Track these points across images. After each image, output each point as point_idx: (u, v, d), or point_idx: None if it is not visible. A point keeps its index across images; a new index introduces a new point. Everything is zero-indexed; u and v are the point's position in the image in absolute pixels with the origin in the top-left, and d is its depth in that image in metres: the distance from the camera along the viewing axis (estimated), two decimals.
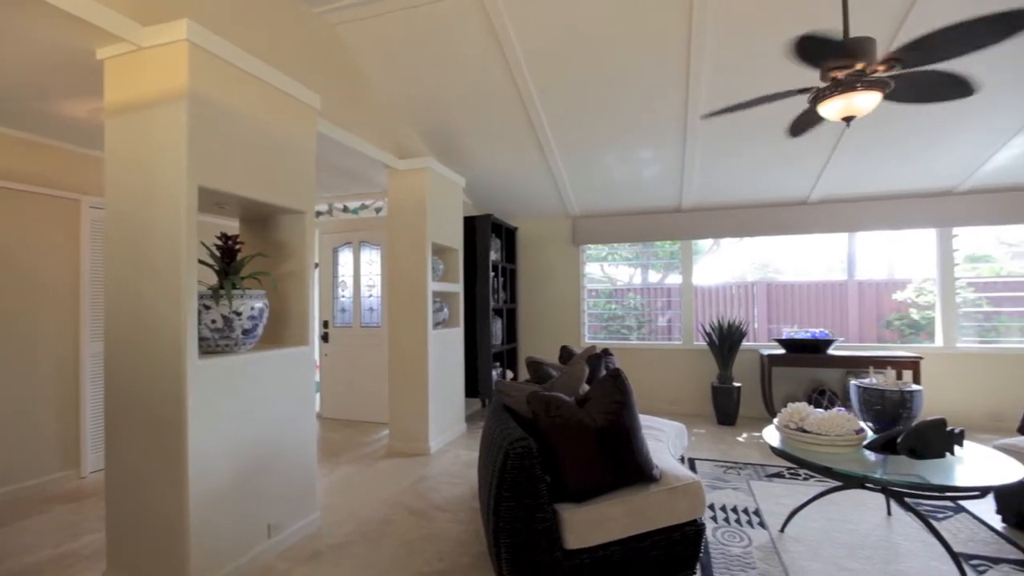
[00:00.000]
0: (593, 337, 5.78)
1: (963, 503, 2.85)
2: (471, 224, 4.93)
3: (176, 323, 2.02)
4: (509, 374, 5.54)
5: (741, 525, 2.67)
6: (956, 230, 4.71)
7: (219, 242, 2.39)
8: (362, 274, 5.19)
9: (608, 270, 6.22)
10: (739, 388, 4.78)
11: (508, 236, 5.63)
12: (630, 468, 2.00)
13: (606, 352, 3.20)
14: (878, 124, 3.57)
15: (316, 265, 5.25)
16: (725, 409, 4.77)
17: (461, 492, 3.19)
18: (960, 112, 3.46)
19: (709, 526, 2.63)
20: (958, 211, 4.57)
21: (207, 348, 2.25)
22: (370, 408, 5.01)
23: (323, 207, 5.38)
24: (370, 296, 5.16)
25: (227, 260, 2.37)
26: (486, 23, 2.92)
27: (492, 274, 4.99)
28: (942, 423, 2.31)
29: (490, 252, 4.94)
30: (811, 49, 1.88)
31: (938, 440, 2.28)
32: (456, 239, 4.61)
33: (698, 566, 2.12)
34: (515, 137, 4.06)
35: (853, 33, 2.05)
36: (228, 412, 2.22)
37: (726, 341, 4.80)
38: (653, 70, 3.22)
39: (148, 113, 2.09)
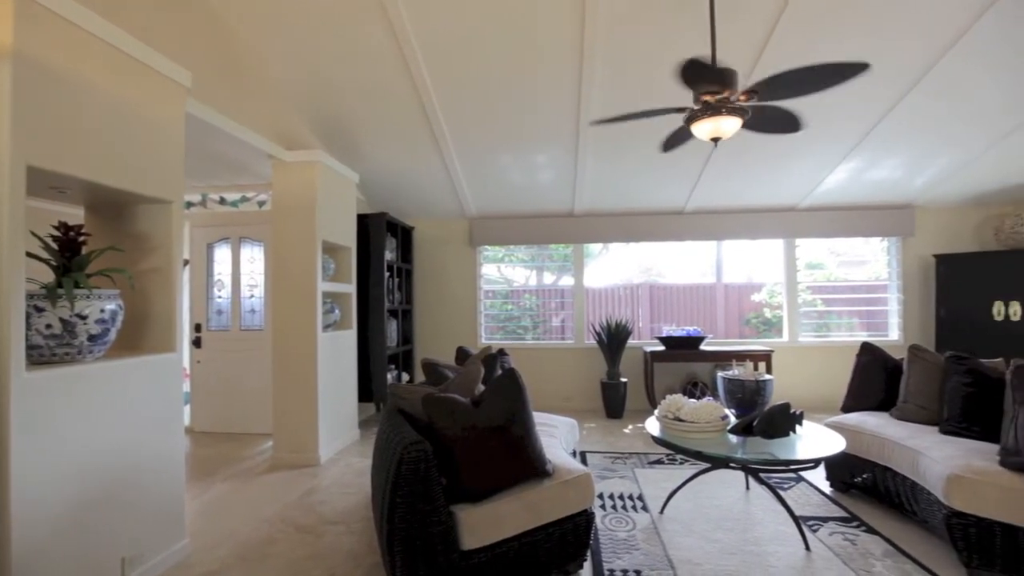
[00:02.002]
0: (490, 338, 5.85)
1: (802, 474, 3.33)
2: (365, 222, 4.74)
3: None
4: (405, 377, 5.41)
5: (627, 510, 2.86)
6: (798, 241, 5.51)
7: (57, 233, 2.04)
8: (242, 273, 4.74)
9: (505, 271, 6.34)
10: (625, 383, 5.13)
11: (404, 236, 5.49)
12: (525, 465, 2.05)
13: (502, 352, 3.25)
14: (738, 148, 4.04)
15: (186, 262, 4.70)
16: (613, 403, 5.09)
17: (354, 502, 3.04)
18: (799, 143, 4.05)
19: (598, 514, 2.79)
20: (799, 225, 5.34)
21: (40, 358, 1.91)
22: (251, 419, 4.60)
23: (195, 197, 4.82)
24: (252, 297, 4.73)
25: (67, 254, 2.03)
26: (381, 12, 2.81)
27: (387, 274, 4.84)
28: (787, 407, 2.67)
29: (385, 252, 4.79)
30: (693, 72, 2.09)
31: (784, 421, 2.64)
32: (349, 237, 4.40)
33: (588, 553, 2.24)
34: (412, 135, 3.98)
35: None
36: (69, 432, 1.90)
37: (614, 340, 5.12)
38: (548, 76, 3.33)
39: None
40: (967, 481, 2.15)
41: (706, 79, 2.17)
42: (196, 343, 4.69)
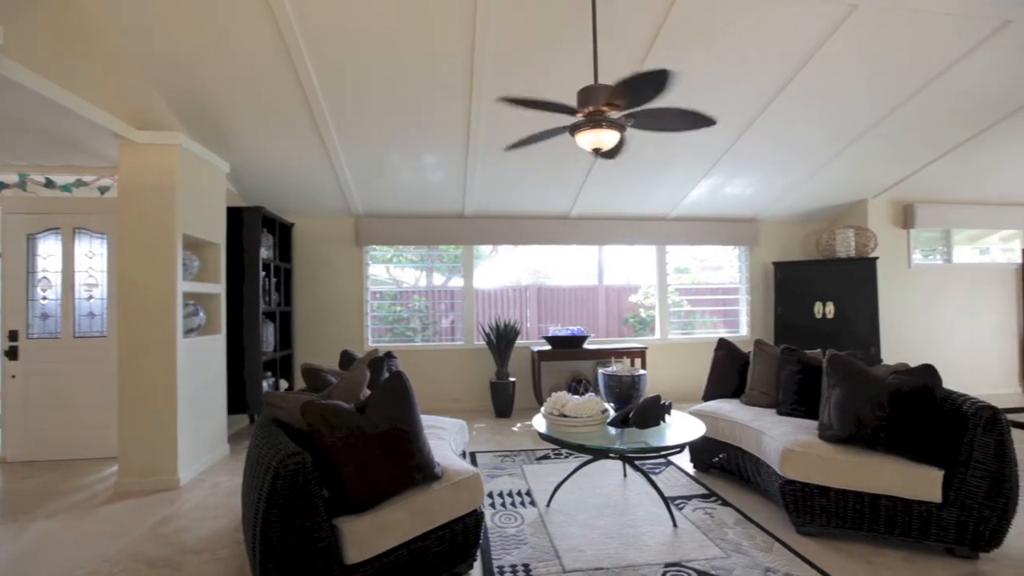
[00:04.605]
0: (377, 340, 5.65)
1: (671, 458, 3.68)
2: (238, 216, 4.31)
3: None
4: (283, 384, 5.01)
5: (515, 507, 2.93)
6: (668, 247, 6.09)
7: None
8: (77, 270, 4.04)
9: (394, 272, 6.17)
10: (514, 383, 5.26)
11: (283, 232, 5.09)
12: (413, 470, 2.01)
13: (389, 355, 3.15)
14: (617, 160, 4.33)
15: None
16: (502, 403, 5.19)
17: (221, 526, 2.74)
18: (669, 159, 4.51)
19: (488, 512, 2.82)
20: (669, 233, 5.91)
21: None
22: (88, 442, 3.93)
23: (11, 178, 4.01)
24: (90, 298, 4.06)
25: None
26: None
27: (263, 273, 4.44)
28: (658, 399, 2.93)
29: (261, 249, 4.40)
30: (624, 88, 2.24)
31: (655, 412, 2.89)
32: (217, 232, 3.96)
33: (478, 552, 2.25)
34: (292, 125, 3.69)
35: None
36: None
37: (503, 340, 5.23)
38: (439, 74, 3.29)
39: None
40: (795, 453, 2.53)
41: (601, 94, 2.32)
42: (11, 354, 3.90)
